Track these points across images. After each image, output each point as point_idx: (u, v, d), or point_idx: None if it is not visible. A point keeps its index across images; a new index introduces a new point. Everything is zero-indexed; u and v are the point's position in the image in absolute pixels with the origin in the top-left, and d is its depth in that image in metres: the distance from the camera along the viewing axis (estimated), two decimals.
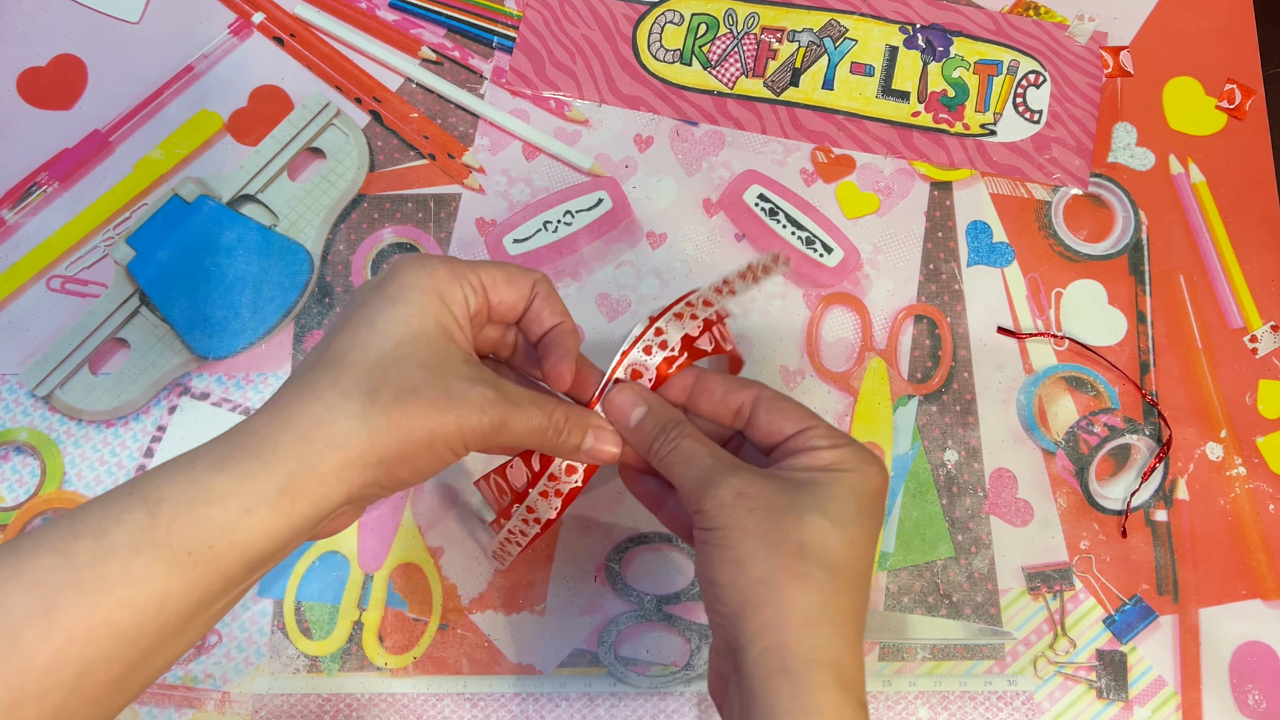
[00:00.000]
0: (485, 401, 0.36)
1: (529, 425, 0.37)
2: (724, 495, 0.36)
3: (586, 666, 0.50)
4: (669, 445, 0.39)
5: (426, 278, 0.37)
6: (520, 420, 0.37)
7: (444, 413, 0.35)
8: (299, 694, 0.50)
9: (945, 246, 0.57)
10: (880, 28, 0.61)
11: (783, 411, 0.39)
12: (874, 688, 0.50)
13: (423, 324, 0.36)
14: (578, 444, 0.40)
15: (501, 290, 0.39)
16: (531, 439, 0.38)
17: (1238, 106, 0.61)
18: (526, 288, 0.40)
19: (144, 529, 0.30)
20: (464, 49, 0.60)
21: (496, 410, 0.36)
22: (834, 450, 0.38)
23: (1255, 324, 0.57)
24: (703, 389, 0.41)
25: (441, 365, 0.36)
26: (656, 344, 0.41)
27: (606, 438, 0.40)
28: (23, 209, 0.56)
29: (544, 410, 0.38)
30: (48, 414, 0.53)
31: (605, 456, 0.41)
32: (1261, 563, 0.53)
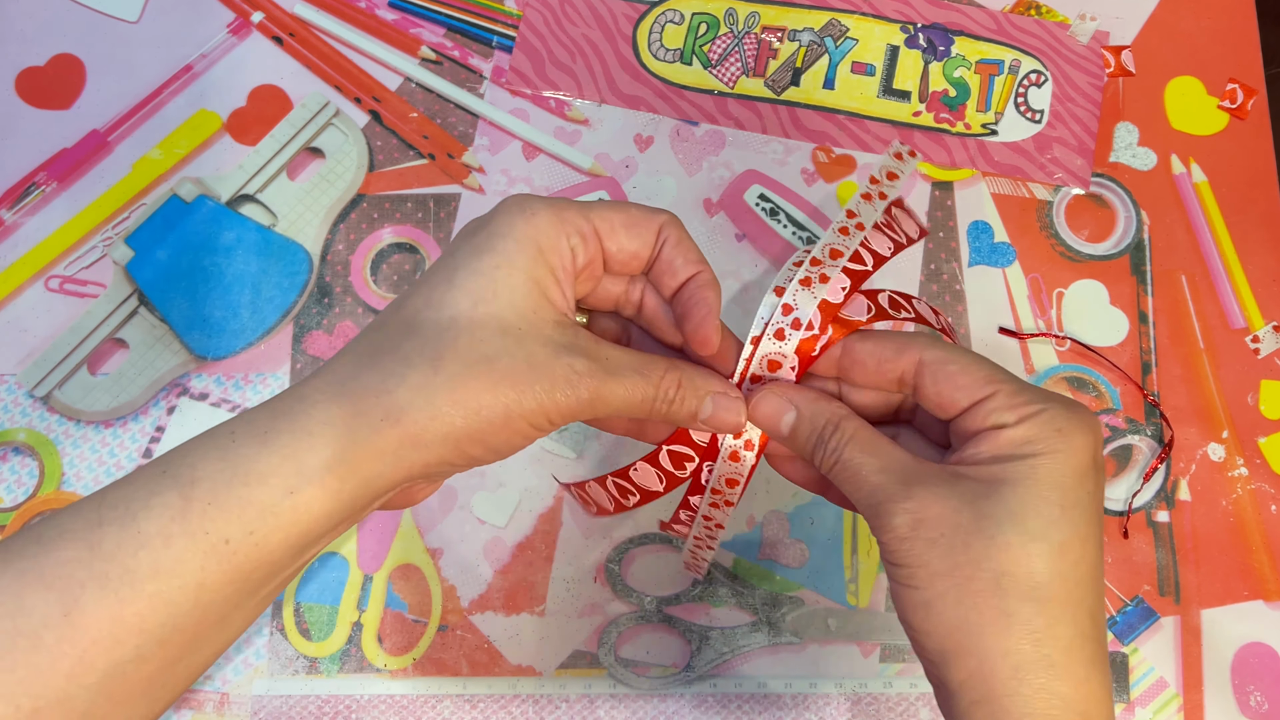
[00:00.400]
0: (573, 374, 0.31)
1: (630, 397, 0.32)
2: (900, 526, 0.31)
3: (586, 668, 0.50)
4: (830, 458, 0.33)
5: (524, 223, 0.31)
6: (619, 392, 0.32)
7: (522, 387, 0.30)
8: (298, 695, 0.49)
9: (946, 246, 0.57)
10: (881, 27, 0.61)
11: (952, 378, 0.33)
12: (874, 689, 0.50)
13: (510, 279, 0.31)
14: (693, 411, 0.34)
15: (620, 237, 0.33)
16: (635, 410, 0.33)
17: (1239, 106, 0.60)
18: (651, 233, 0.34)
19: (176, 514, 0.27)
20: (464, 48, 0.60)
21: (587, 383, 0.31)
22: (1022, 426, 0.31)
23: (1257, 324, 0.57)
24: (853, 362, 0.35)
25: (526, 330, 0.31)
26: (788, 324, 0.34)
27: (729, 405, 0.34)
28: (21, 209, 0.56)
29: (649, 378, 0.32)
30: (46, 414, 0.53)
31: (728, 426, 0.34)
32: (1263, 564, 0.53)
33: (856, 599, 0.52)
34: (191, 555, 0.27)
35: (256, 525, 0.28)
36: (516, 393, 0.30)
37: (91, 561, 0.26)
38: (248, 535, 0.27)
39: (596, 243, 0.33)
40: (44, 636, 0.26)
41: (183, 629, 0.27)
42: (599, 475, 0.37)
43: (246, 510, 0.27)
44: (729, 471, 0.36)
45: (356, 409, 0.29)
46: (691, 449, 0.35)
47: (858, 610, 0.51)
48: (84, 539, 0.27)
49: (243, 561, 0.28)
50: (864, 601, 0.52)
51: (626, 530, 0.52)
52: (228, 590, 0.28)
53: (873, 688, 0.50)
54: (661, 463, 0.36)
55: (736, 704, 0.50)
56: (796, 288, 0.34)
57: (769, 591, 0.51)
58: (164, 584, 0.27)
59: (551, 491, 0.52)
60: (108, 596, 0.26)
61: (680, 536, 0.40)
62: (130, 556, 0.26)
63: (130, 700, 0.27)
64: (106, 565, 0.26)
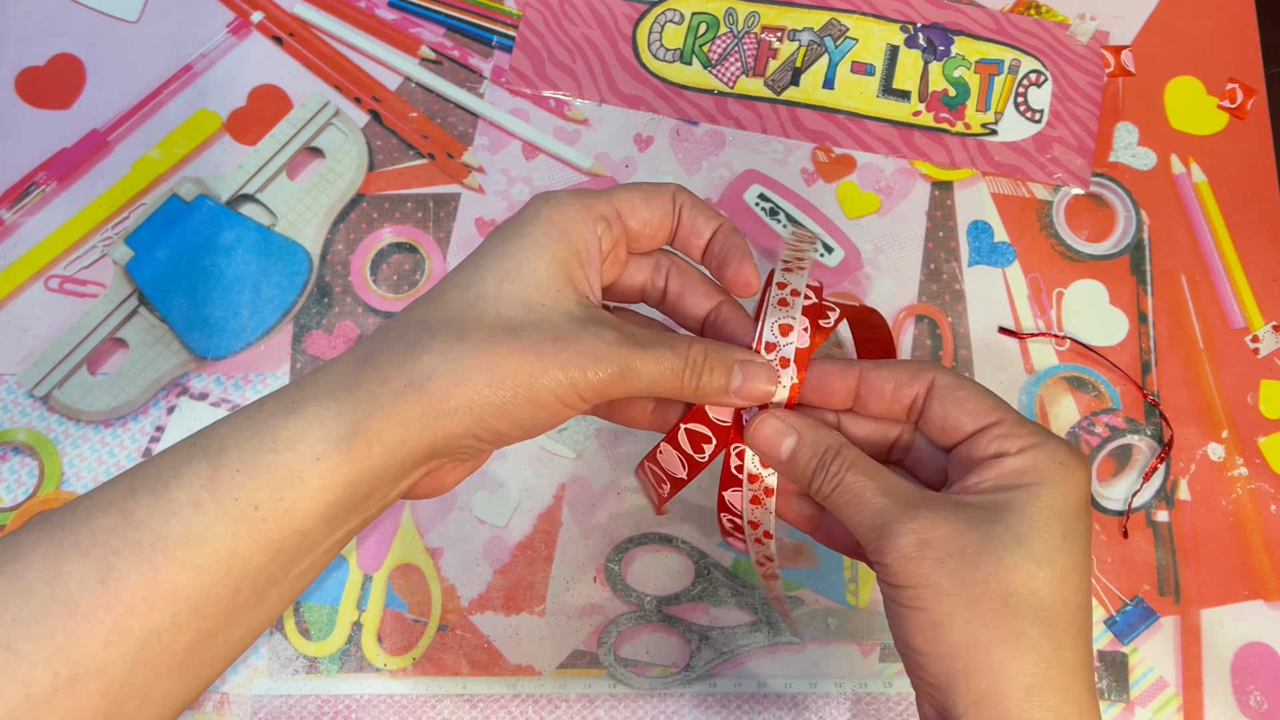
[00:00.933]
0: (601, 344, 0.30)
1: (659, 369, 0.32)
2: (906, 546, 0.30)
3: (586, 667, 0.50)
4: (831, 482, 0.33)
5: (550, 210, 0.32)
6: (648, 364, 0.31)
7: (547, 356, 0.30)
8: (298, 695, 0.49)
9: (946, 246, 0.57)
10: (881, 27, 0.61)
11: (960, 404, 0.33)
12: (874, 689, 0.50)
13: (535, 260, 0.31)
14: (724, 385, 0.33)
15: (641, 210, 0.34)
16: (665, 384, 0.32)
17: (1239, 106, 0.60)
18: (667, 200, 0.35)
19: (206, 482, 0.28)
20: (463, 48, 0.60)
21: (616, 353, 0.31)
22: (1024, 455, 0.32)
23: (1257, 324, 0.57)
24: (870, 390, 0.35)
25: (551, 304, 0.31)
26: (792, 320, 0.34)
27: (760, 373, 0.33)
28: (21, 209, 0.56)
29: (676, 349, 0.32)
30: (46, 414, 0.53)
31: (760, 394, 0.33)
32: (1263, 563, 0.53)
33: (856, 599, 0.52)
34: (222, 521, 0.27)
35: (285, 491, 0.28)
36: (543, 362, 0.30)
37: (125, 529, 0.27)
38: (276, 501, 0.28)
39: (620, 223, 0.34)
40: (81, 603, 0.26)
41: (217, 598, 0.27)
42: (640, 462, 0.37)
43: (274, 476, 0.28)
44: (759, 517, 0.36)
45: (382, 375, 0.29)
46: (709, 428, 0.35)
47: (858, 610, 0.51)
48: (118, 508, 0.27)
49: (273, 529, 0.28)
50: (864, 601, 0.52)
51: (626, 530, 0.52)
52: (260, 560, 0.28)
53: (873, 687, 0.50)
54: (681, 444, 0.35)
55: (736, 704, 0.50)
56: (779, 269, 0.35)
57: None
58: (195, 551, 0.27)
59: (551, 491, 0.52)
60: (142, 563, 0.26)
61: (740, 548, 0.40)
62: (162, 524, 0.27)
63: (169, 673, 0.27)
64: (139, 533, 0.27)
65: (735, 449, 0.35)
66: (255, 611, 0.29)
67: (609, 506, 0.52)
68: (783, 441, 0.34)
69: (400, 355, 0.30)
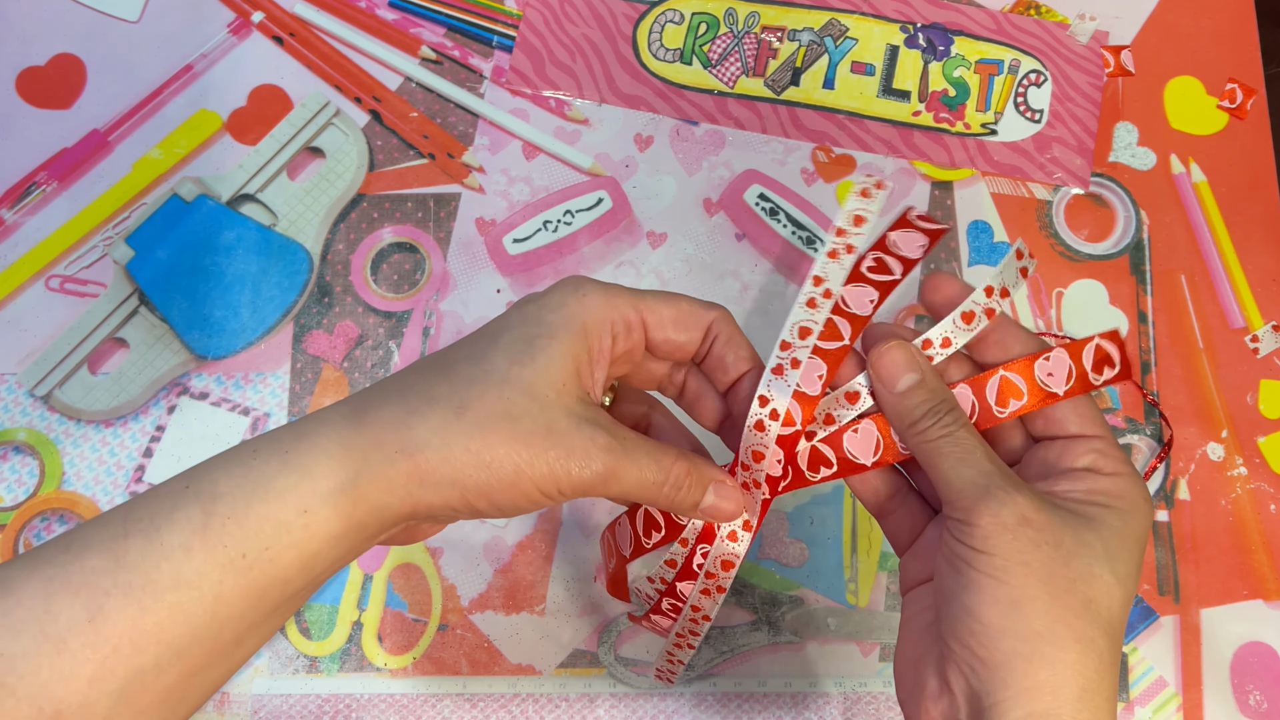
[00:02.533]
0: (593, 446, 0.31)
1: (641, 478, 0.33)
2: (1007, 516, 0.30)
3: (586, 667, 0.50)
4: (942, 429, 0.32)
5: (575, 302, 0.33)
6: (632, 472, 0.32)
7: (537, 450, 0.30)
8: (298, 694, 0.50)
9: (946, 246, 0.57)
10: (881, 27, 0.61)
11: (1077, 405, 0.33)
12: (874, 688, 0.50)
13: (549, 350, 0.32)
14: (696, 501, 0.34)
15: (668, 330, 0.34)
16: (643, 493, 0.33)
17: (1239, 106, 0.60)
18: (699, 331, 0.35)
19: (198, 528, 0.28)
20: (464, 48, 0.60)
21: (603, 458, 0.31)
22: (1117, 479, 0.32)
23: (1256, 324, 0.57)
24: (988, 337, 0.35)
25: (554, 399, 0.31)
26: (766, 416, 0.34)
27: (728, 493, 0.35)
28: (22, 208, 0.56)
29: (660, 463, 0.33)
30: (46, 414, 0.53)
31: (725, 515, 0.35)
32: (1263, 563, 0.53)
33: (856, 598, 0.52)
34: (211, 568, 0.28)
35: (272, 541, 0.29)
36: (530, 454, 0.30)
37: (116, 571, 0.27)
38: (263, 551, 0.29)
39: (641, 333, 0.34)
40: (69, 641, 0.26)
41: (200, 641, 0.28)
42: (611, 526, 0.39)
43: (263, 526, 0.29)
44: (726, 552, 0.36)
45: (376, 438, 0.30)
46: (663, 519, 0.36)
47: (857, 610, 0.51)
48: (110, 549, 0.28)
49: (258, 577, 0.29)
50: (864, 601, 0.52)
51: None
52: (243, 606, 0.29)
53: (872, 687, 0.50)
54: (635, 523, 0.37)
55: (736, 703, 0.50)
56: (770, 377, 0.34)
57: (768, 590, 0.51)
58: (183, 595, 0.28)
59: None
60: (130, 605, 0.27)
61: (659, 633, 0.40)
62: (153, 567, 0.27)
63: (149, 711, 0.28)
64: (130, 575, 0.27)
65: (701, 548, 0.36)
66: (234, 653, 0.30)
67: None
68: (904, 375, 0.33)
69: (396, 421, 0.30)
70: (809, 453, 0.34)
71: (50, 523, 0.51)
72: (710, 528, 0.36)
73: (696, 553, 0.36)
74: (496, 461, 0.30)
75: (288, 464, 0.29)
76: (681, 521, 0.36)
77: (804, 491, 0.53)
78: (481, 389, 0.31)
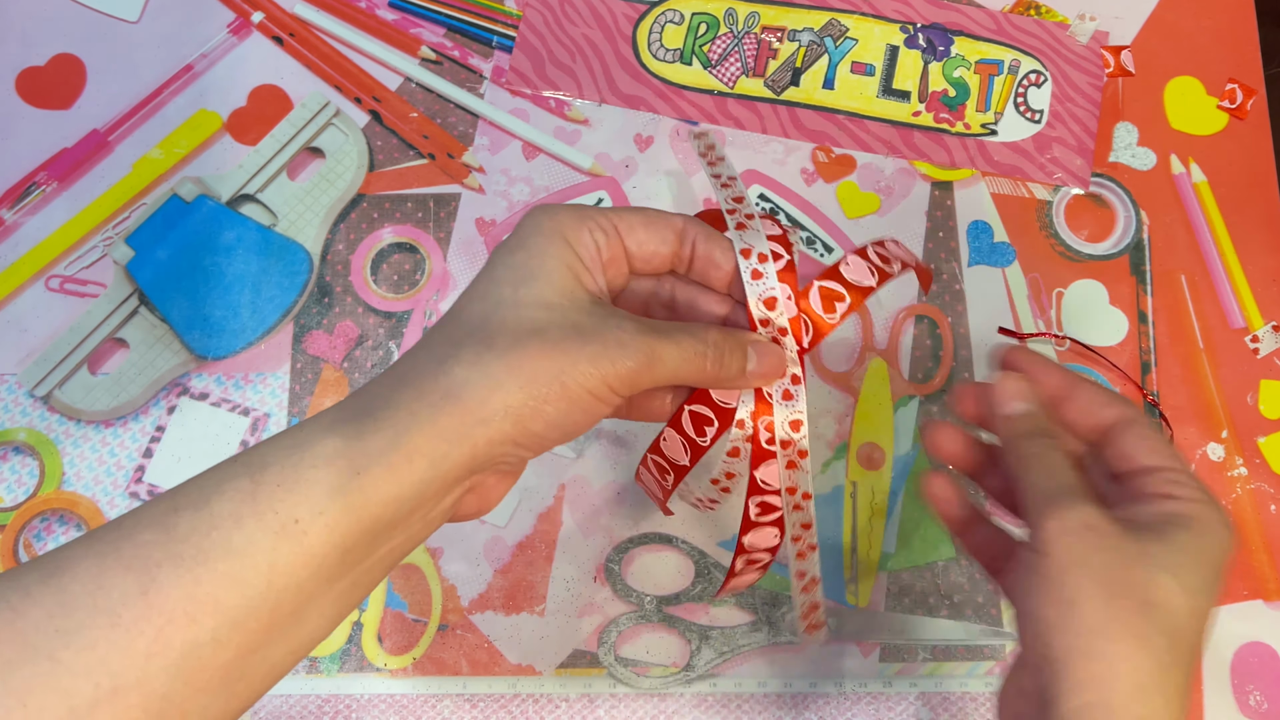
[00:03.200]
0: (624, 334, 0.31)
1: (682, 354, 0.33)
2: (1070, 521, 0.32)
3: (586, 667, 0.50)
4: (1036, 448, 0.35)
5: (548, 220, 0.34)
6: (671, 350, 0.32)
7: (574, 352, 0.31)
8: (298, 695, 0.49)
9: (946, 246, 0.57)
10: (881, 27, 0.61)
11: (1149, 441, 0.35)
12: (874, 689, 0.50)
13: (545, 265, 0.33)
14: (741, 365, 0.34)
15: (639, 233, 0.35)
16: (689, 368, 0.33)
17: (1239, 106, 0.60)
18: (670, 230, 0.36)
19: (246, 496, 0.28)
20: (463, 48, 0.60)
21: (640, 342, 0.32)
22: (1193, 504, 0.33)
23: (1257, 324, 0.57)
24: (1073, 396, 0.37)
25: (568, 303, 0.32)
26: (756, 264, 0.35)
27: (767, 349, 0.35)
28: (22, 208, 0.56)
29: (696, 335, 0.33)
30: (46, 414, 0.53)
31: (773, 370, 0.35)
32: (1263, 563, 0.53)
33: (856, 599, 0.52)
34: (262, 535, 0.28)
35: (325, 505, 0.28)
36: (571, 358, 0.30)
37: (168, 543, 0.27)
38: (318, 515, 0.28)
39: (618, 238, 0.35)
40: (122, 614, 0.26)
41: (258, 613, 0.28)
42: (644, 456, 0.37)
43: (314, 490, 0.28)
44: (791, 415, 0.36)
45: (417, 391, 0.30)
46: (712, 410, 0.35)
47: (858, 610, 0.51)
48: (160, 523, 0.28)
49: (314, 544, 0.28)
50: (864, 601, 0.52)
51: (626, 530, 0.52)
52: (301, 575, 0.28)
53: (872, 687, 0.50)
54: (684, 428, 0.35)
55: (736, 704, 0.50)
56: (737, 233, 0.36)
57: (769, 591, 0.51)
58: (236, 564, 0.27)
59: (552, 491, 0.52)
60: (183, 575, 0.27)
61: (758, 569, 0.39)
62: (204, 537, 0.27)
63: (208, 689, 0.27)
64: (181, 546, 0.27)
65: (763, 421, 0.35)
66: (296, 630, 0.29)
67: (609, 506, 0.52)
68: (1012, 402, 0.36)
69: (432, 371, 0.30)
70: (819, 293, 0.35)
71: (50, 523, 0.51)
72: (762, 397, 0.35)
73: (760, 429, 0.35)
74: (541, 374, 0.30)
75: (334, 430, 0.29)
76: (731, 404, 0.35)
77: None
78: (500, 316, 0.31)
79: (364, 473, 0.29)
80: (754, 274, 0.35)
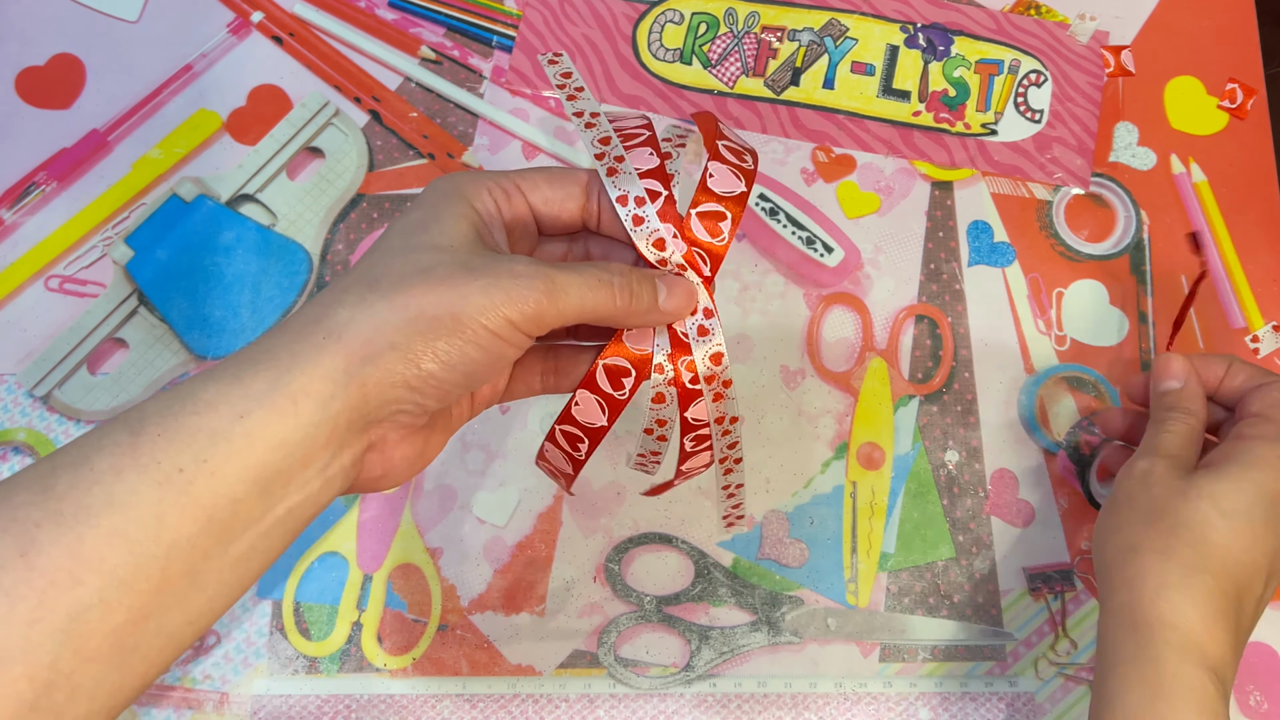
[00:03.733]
0: (520, 265, 0.30)
1: (587, 282, 0.31)
2: (1135, 469, 0.41)
3: (586, 667, 0.50)
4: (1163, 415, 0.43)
5: (444, 182, 0.33)
6: (574, 279, 0.31)
7: (463, 285, 0.29)
8: (298, 695, 0.49)
9: (946, 246, 0.57)
10: (881, 27, 0.61)
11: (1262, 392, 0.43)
12: (874, 689, 0.50)
13: (437, 215, 0.32)
14: (653, 299, 0.32)
15: (544, 190, 0.34)
16: (597, 299, 0.31)
17: (1239, 106, 0.60)
18: (576, 185, 0.34)
19: (127, 449, 0.27)
20: (463, 48, 0.60)
21: (537, 271, 0.30)
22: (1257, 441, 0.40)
23: (1257, 324, 0.57)
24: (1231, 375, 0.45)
25: (460, 246, 0.31)
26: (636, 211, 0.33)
27: (675, 281, 0.33)
28: (21, 208, 0.56)
29: (601, 267, 0.32)
30: (46, 414, 0.53)
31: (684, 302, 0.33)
32: None
33: (856, 599, 0.52)
34: (145, 486, 0.26)
35: (209, 453, 0.27)
36: (459, 293, 0.29)
37: (45, 502, 0.26)
38: (201, 464, 0.27)
39: (521, 197, 0.34)
40: (2, 580, 0.25)
41: (147, 572, 0.26)
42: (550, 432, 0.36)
43: (196, 437, 0.27)
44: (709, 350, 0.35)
45: (299, 334, 0.29)
46: (628, 360, 0.34)
47: (858, 610, 0.51)
48: (38, 483, 0.26)
49: (201, 493, 0.27)
50: (864, 601, 0.52)
51: (626, 530, 0.52)
52: (191, 529, 0.27)
53: (872, 688, 0.50)
54: (600, 384, 0.34)
55: (736, 704, 0.50)
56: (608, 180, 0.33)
57: (769, 591, 0.51)
58: (120, 518, 0.26)
59: (551, 491, 0.52)
60: (65, 534, 0.25)
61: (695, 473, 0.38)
62: (85, 493, 0.26)
63: (99, 658, 0.26)
64: (60, 504, 0.26)
65: (683, 362, 0.34)
66: (192, 596, 0.27)
67: (609, 506, 0.52)
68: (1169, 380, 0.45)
69: (315, 316, 0.29)
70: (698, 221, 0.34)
71: None
72: (677, 339, 0.34)
73: (682, 370, 0.35)
74: (427, 308, 0.29)
75: (213, 378, 0.28)
76: (647, 350, 0.34)
77: (804, 492, 0.53)
78: (386, 264, 0.30)
79: (247, 416, 0.27)
80: (635, 219, 0.33)
